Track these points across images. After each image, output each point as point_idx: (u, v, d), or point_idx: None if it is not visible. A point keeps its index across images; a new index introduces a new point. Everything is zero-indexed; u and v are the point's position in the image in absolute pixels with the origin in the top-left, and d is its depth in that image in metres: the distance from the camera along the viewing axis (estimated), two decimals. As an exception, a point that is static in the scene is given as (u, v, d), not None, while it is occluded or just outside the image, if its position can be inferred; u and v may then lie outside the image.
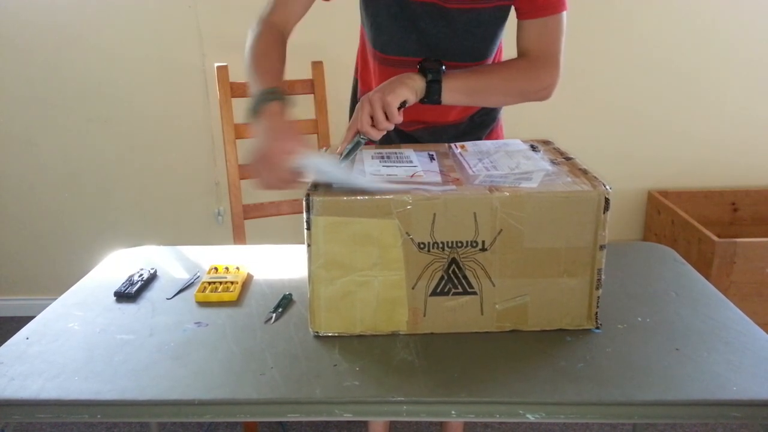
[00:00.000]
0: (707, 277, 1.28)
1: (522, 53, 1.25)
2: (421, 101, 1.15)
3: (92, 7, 2.35)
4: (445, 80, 1.14)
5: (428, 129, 1.41)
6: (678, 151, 2.51)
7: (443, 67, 1.15)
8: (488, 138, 1.45)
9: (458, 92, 1.17)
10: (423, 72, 1.14)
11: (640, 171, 2.54)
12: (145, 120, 2.50)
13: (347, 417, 0.92)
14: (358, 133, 1.12)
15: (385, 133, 1.12)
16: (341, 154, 1.12)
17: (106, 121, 2.50)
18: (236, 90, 2.01)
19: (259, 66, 1.16)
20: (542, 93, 1.25)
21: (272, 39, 1.23)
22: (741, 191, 2.51)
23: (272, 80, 1.11)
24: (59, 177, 2.57)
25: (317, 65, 2.08)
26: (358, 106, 1.13)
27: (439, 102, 1.15)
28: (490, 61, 1.33)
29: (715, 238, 2.02)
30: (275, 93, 1.07)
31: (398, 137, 1.43)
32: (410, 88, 1.12)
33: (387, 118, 1.10)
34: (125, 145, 2.53)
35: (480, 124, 1.43)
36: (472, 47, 1.28)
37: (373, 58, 1.37)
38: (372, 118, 1.10)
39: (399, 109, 1.11)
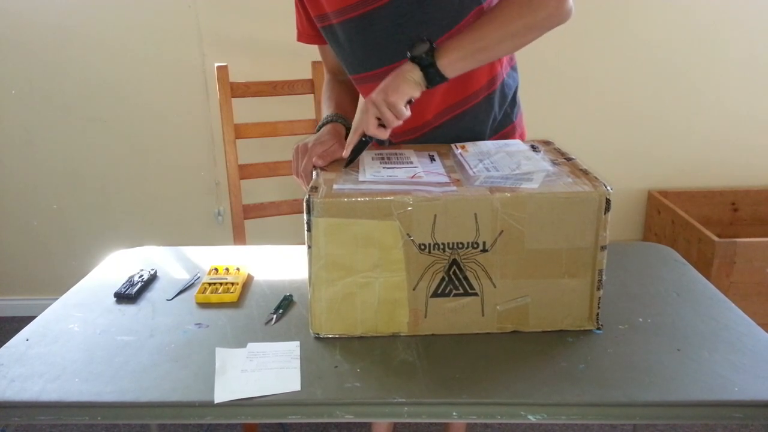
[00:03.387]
0: (707, 277, 1.28)
1: None
2: (428, 87, 1.12)
3: (92, 7, 2.35)
4: (440, 57, 1.09)
5: (415, 138, 1.37)
6: (678, 151, 2.51)
7: (431, 46, 1.10)
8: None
9: (460, 61, 1.11)
10: (414, 60, 1.10)
11: (640, 171, 2.54)
12: (145, 120, 2.50)
13: (348, 418, 0.92)
14: (363, 134, 1.13)
15: (390, 131, 1.13)
16: (347, 156, 1.14)
17: (106, 121, 2.50)
18: (236, 90, 2.01)
19: (327, 99, 1.40)
20: (554, 17, 1.10)
21: (334, 81, 1.45)
22: (741, 191, 2.51)
23: (336, 106, 1.35)
24: (59, 177, 2.57)
25: (317, 65, 2.08)
26: (361, 108, 1.13)
27: (445, 80, 1.12)
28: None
29: (715, 238, 2.02)
30: (336, 116, 1.29)
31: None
32: (412, 83, 1.10)
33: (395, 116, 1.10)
34: (125, 145, 2.53)
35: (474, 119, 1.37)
36: (416, 37, 1.18)
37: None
38: (379, 118, 1.10)
39: (406, 105, 1.11)
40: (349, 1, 1.21)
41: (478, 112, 1.31)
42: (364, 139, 1.14)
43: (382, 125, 1.13)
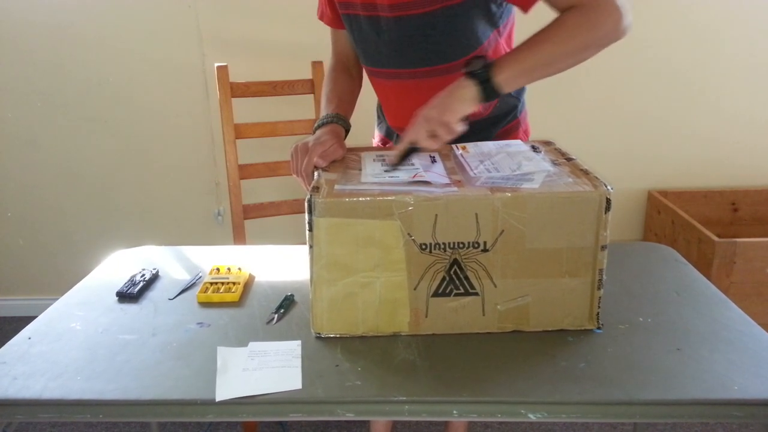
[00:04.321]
0: (707, 277, 1.28)
1: (565, 8, 1.10)
2: (483, 102, 1.11)
3: (92, 7, 2.35)
4: (497, 74, 1.08)
5: None
6: (678, 151, 2.52)
7: (488, 62, 1.10)
8: (513, 137, 1.43)
9: (516, 78, 1.10)
10: (470, 76, 1.09)
11: (640, 171, 2.55)
12: (145, 120, 2.50)
13: (349, 417, 0.92)
14: (412, 143, 1.13)
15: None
16: (392, 162, 1.14)
17: (106, 121, 2.50)
18: (236, 90, 2.01)
19: (327, 94, 1.38)
20: (612, 35, 1.09)
21: (339, 70, 1.43)
22: (741, 191, 2.51)
23: (335, 106, 1.33)
24: (60, 177, 2.57)
25: (317, 65, 2.09)
26: (415, 120, 1.12)
27: (500, 96, 1.11)
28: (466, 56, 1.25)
29: (715, 238, 2.02)
30: (335, 117, 1.29)
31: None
32: (466, 101, 1.09)
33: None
34: (125, 145, 2.53)
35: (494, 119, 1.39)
36: (445, 47, 1.23)
37: (366, 72, 1.41)
38: (431, 132, 1.10)
39: (459, 122, 1.10)
40: (383, 0, 1.21)
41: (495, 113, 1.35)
42: (412, 147, 1.13)
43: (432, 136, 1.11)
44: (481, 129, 1.32)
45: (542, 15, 1.11)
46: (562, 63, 1.12)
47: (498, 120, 1.37)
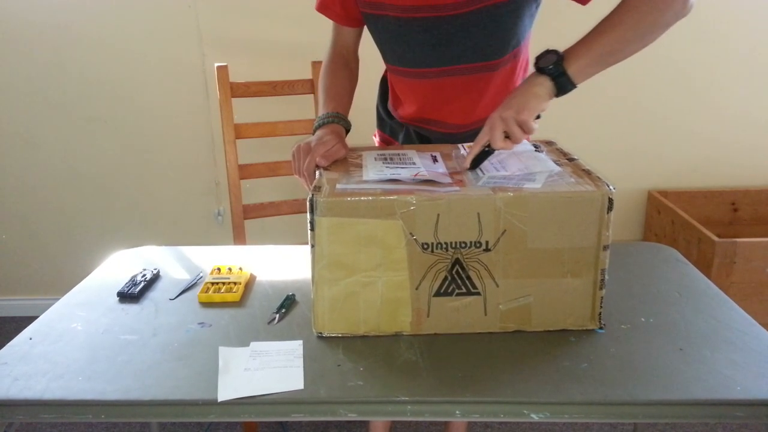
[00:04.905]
0: (707, 277, 1.29)
1: None
2: (557, 96, 1.11)
3: (92, 6, 2.35)
4: (570, 65, 1.08)
5: (447, 134, 1.40)
6: (678, 151, 2.52)
7: (559, 55, 1.10)
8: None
9: (589, 67, 1.10)
10: (542, 72, 1.10)
11: (640, 171, 2.55)
12: (145, 120, 2.49)
13: (351, 417, 0.92)
14: (487, 145, 1.12)
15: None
16: (466, 167, 1.14)
17: (106, 121, 2.49)
18: (236, 90, 2.01)
19: (326, 90, 1.36)
20: (680, 13, 1.09)
21: (339, 64, 1.40)
22: (741, 191, 2.51)
23: (336, 105, 1.31)
24: (59, 177, 2.57)
25: (317, 65, 2.08)
26: (489, 123, 1.11)
27: (575, 87, 1.11)
28: (508, 54, 1.28)
29: (715, 238, 2.02)
30: (336, 117, 1.28)
31: (418, 140, 1.45)
32: (541, 98, 1.09)
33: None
34: (125, 145, 2.53)
35: None
36: (485, 46, 1.25)
37: (390, 72, 1.39)
38: (507, 133, 1.09)
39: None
40: (422, 1, 1.20)
41: None
42: (487, 149, 1.13)
43: (506, 137, 1.11)
44: None
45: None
46: (632, 47, 1.12)
47: None
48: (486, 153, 1.13)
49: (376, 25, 1.30)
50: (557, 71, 1.08)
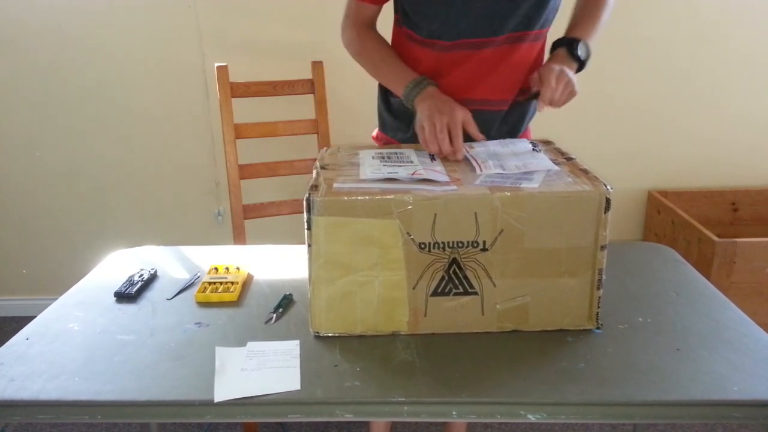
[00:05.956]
0: (707, 277, 1.28)
1: None
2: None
3: (92, 7, 2.35)
4: (583, 54, 1.27)
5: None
6: (678, 151, 2.51)
7: (584, 42, 1.27)
8: (523, 135, 1.43)
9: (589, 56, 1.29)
10: (575, 59, 1.26)
11: (640, 171, 2.54)
12: (145, 120, 2.49)
13: (348, 417, 0.92)
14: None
15: None
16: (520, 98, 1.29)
17: (106, 121, 2.50)
18: (236, 90, 2.01)
19: (388, 62, 1.34)
20: None
21: (375, 36, 1.38)
22: (741, 191, 2.50)
23: (410, 70, 1.31)
24: (59, 177, 2.57)
25: (317, 65, 2.08)
26: (545, 69, 1.22)
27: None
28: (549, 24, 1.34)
29: (715, 238, 2.02)
30: (426, 80, 1.28)
31: None
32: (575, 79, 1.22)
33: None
34: (125, 145, 2.53)
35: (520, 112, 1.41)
36: (527, 15, 1.27)
37: (423, 46, 1.33)
38: (566, 84, 1.21)
39: None
40: None
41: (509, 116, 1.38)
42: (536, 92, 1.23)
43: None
44: (519, 117, 1.39)
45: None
46: (600, 33, 1.34)
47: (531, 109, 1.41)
48: (535, 95, 1.21)
49: (419, 2, 1.28)
50: (586, 57, 1.27)
